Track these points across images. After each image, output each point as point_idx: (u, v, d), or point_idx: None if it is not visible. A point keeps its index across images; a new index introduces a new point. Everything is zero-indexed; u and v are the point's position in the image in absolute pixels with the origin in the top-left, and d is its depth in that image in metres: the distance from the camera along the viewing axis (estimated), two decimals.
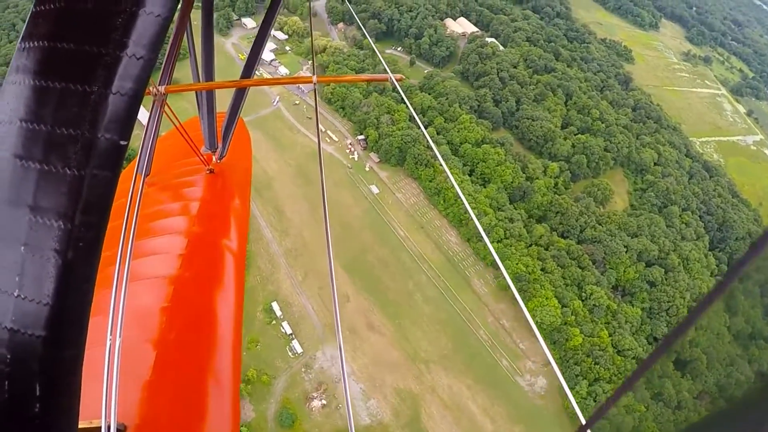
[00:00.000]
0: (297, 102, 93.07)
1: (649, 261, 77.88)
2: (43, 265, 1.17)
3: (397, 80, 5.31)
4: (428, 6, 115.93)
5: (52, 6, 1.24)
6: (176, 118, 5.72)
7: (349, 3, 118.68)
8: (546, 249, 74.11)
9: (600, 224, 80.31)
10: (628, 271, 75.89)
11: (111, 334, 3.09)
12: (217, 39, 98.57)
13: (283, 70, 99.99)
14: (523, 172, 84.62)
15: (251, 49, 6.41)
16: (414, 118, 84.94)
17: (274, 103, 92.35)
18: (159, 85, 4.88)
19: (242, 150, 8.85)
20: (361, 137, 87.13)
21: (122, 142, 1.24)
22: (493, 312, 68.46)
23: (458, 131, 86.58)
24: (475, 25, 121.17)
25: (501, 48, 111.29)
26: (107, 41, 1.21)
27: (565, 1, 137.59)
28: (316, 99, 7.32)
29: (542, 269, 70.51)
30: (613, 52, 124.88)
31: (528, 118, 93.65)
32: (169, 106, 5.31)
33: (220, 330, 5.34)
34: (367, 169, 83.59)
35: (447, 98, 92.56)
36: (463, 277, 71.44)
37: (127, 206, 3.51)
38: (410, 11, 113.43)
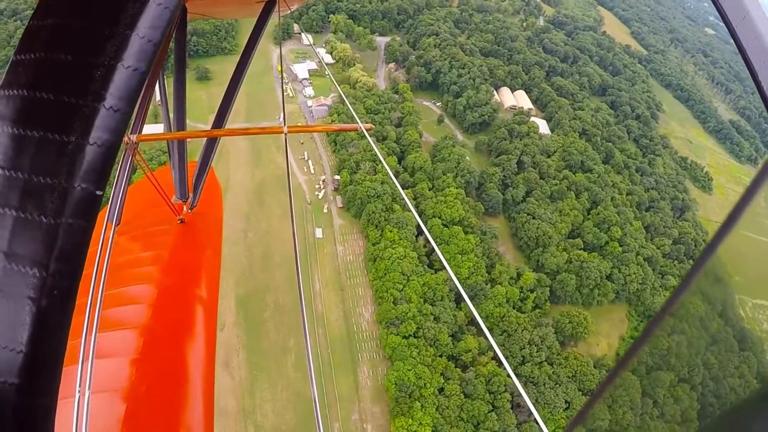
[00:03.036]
0: (299, 124, 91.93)
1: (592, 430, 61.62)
2: (17, 313, 1.17)
3: (366, 130, 5.65)
4: (483, 68, 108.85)
5: (32, 56, 1.27)
6: (147, 167, 5.65)
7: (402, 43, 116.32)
8: (464, 370, 62.05)
9: (550, 364, 65.81)
10: None
11: (80, 386, 3.06)
12: (269, 46, 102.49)
13: (308, 91, 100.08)
14: (488, 272, 73.22)
15: (222, 99, 6.63)
16: (395, 174, 78.75)
17: (279, 118, 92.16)
18: (131, 133, 4.97)
19: (213, 200, 8.76)
20: (337, 177, 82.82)
21: (98, 192, 1.25)
22: (362, 411, 58.65)
23: (436, 203, 78.08)
24: (534, 102, 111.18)
25: (543, 131, 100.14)
26: (85, 93, 1.24)
27: (657, 106, 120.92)
28: (287, 150, 7.65)
29: (440, 389, 58.99)
30: (688, 174, 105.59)
31: (528, 214, 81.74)
32: (141, 155, 5.26)
33: (191, 383, 5.32)
34: (324, 210, 78.76)
35: (446, 165, 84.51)
36: (353, 360, 62.60)
37: (97, 255, 3.45)
38: (463, 68, 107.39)
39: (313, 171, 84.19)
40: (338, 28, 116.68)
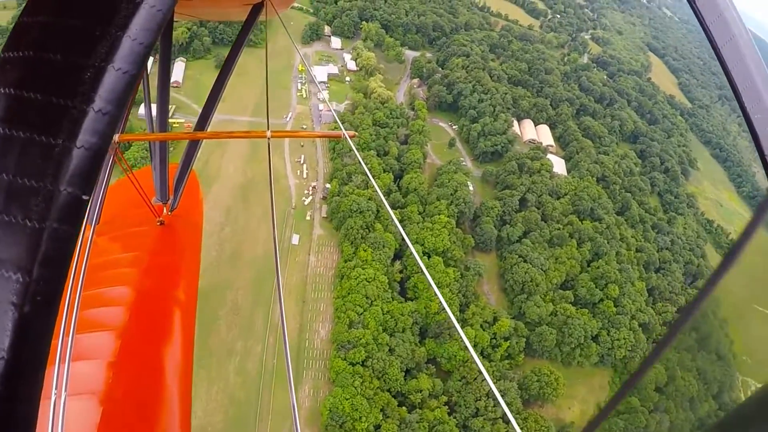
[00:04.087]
0: (305, 126, 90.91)
1: None
2: None
3: (350, 137, 5.68)
4: (507, 96, 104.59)
5: (20, 54, 1.24)
6: (129, 168, 5.61)
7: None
8: (409, 410, 58.03)
9: (506, 422, 60.67)
10: None
11: (56, 388, 3.04)
12: (296, 44, 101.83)
13: (323, 94, 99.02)
14: (461, 311, 69.03)
15: (206, 101, 6.78)
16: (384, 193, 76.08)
17: (286, 118, 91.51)
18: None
19: (193, 203, 8.76)
20: (328, 186, 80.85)
21: (84, 197, 1.22)
22: (293, 431, 55.73)
23: (421, 229, 74.57)
24: (557, 139, 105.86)
25: (559, 171, 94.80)
26: (74, 94, 1.21)
27: (690, 162, 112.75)
28: (270, 156, 7.08)
29: (376, 426, 55.29)
30: (711, 239, 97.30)
31: (519, 255, 76.88)
32: (122, 155, 5.21)
33: (168, 386, 5.32)
34: (307, 217, 76.81)
35: (442, 190, 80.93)
36: (297, 376, 59.89)
37: (75, 256, 3.00)
38: (486, 93, 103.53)
39: (306, 176, 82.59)
40: (369, 36, 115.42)
